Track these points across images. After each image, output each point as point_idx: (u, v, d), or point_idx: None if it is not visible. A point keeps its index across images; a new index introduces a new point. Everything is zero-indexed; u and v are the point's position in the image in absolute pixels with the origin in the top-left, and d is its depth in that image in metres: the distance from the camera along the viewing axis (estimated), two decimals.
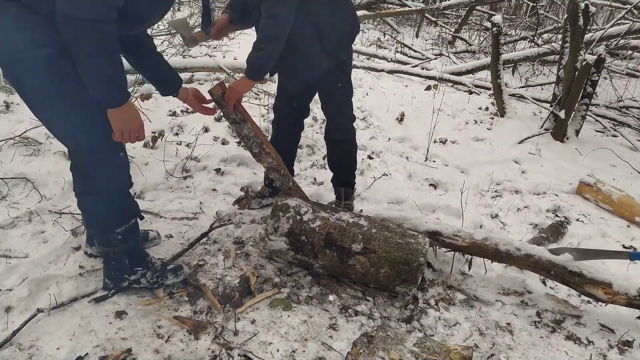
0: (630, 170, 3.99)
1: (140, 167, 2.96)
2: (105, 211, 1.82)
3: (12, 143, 2.92)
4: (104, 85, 1.55)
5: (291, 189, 2.35)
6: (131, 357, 1.67)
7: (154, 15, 1.80)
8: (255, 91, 4.76)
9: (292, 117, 2.63)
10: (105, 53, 1.48)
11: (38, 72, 1.51)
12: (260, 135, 2.24)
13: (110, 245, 1.86)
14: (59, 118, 1.63)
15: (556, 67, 5.10)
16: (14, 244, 2.20)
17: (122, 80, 1.61)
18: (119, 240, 1.86)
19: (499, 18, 4.95)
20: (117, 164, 1.78)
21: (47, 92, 1.56)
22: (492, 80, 5.19)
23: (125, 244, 1.88)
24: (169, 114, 4.00)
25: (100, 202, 1.80)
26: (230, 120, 2.21)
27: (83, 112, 1.61)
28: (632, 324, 2.15)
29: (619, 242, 2.97)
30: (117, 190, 1.83)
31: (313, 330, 1.87)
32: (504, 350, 1.93)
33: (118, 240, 1.86)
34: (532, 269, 2.20)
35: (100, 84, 1.54)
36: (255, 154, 2.29)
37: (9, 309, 1.82)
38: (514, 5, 11.18)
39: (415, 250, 2.06)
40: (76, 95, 1.57)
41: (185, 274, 2.05)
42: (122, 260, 1.91)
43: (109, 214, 1.83)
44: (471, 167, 3.75)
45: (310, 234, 2.14)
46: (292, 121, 2.65)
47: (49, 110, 1.62)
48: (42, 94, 1.57)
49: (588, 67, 4.20)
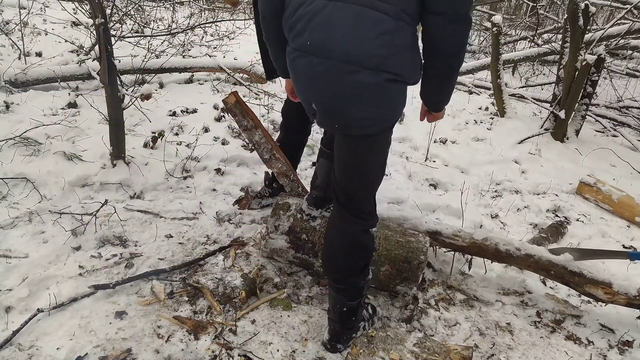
0: (630, 170, 3.98)
1: (140, 167, 2.96)
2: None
3: (12, 143, 2.92)
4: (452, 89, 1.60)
5: (301, 195, 2.38)
6: (131, 357, 1.67)
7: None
8: (255, 91, 4.76)
9: (301, 122, 2.61)
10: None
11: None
12: (270, 141, 2.32)
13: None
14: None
15: (556, 67, 5.10)
16: (14, 244, 2.20)
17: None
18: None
19: (499, 18, 4.95)
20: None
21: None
22: (492, 80, 5.19)
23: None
24: (169, 114, 4.01)
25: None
26: (242, 127, 2.32)
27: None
28: (632, 324, 2.14)
29: (619, 242, 2.97)
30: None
31: (313, 330, 1.87)
32: (504, 350, 1.92)
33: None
34: (532, 269, 2.20)
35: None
36: (265, 160, 2.37)
37: (9, 309, 1.82)
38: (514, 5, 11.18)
39: (415, 249, 2.06)
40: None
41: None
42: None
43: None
44: (471, 167, 3.75)
45: (311, 232, 2.15)
46: (300, 126, 2.63)
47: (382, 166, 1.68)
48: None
49: (588, 67, 4.20)
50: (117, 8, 5.17)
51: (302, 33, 1.42)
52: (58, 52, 4.89)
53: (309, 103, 1.53)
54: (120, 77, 3.28)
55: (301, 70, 1.48)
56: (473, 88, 6.18)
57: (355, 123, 1.48)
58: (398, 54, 1.38)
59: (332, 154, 2.14)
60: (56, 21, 6.29)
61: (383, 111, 1.48)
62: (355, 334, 1.82)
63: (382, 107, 1.47)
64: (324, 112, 1.50)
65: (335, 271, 1.72)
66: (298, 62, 1.47)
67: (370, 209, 1.70)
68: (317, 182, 2.22)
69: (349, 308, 1.74)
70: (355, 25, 1.35)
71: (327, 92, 1.44)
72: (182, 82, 5.01)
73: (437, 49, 1.42)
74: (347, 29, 1.35)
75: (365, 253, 1.73)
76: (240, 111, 2.29)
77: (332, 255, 1.74)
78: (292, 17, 1.45)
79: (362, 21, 1.34)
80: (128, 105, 2.96)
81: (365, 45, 1.35)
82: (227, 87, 4.99)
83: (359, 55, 1.36)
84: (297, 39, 1.45)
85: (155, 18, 7.45)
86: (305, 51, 1.42)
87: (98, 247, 2.27)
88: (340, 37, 1.36)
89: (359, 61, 1.36)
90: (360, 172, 1.62)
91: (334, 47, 1.37)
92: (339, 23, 1.36)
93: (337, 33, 1.36)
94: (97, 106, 3.34)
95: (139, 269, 2.13)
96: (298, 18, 1.43)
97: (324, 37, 1.38)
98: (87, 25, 4.94)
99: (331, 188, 1.76)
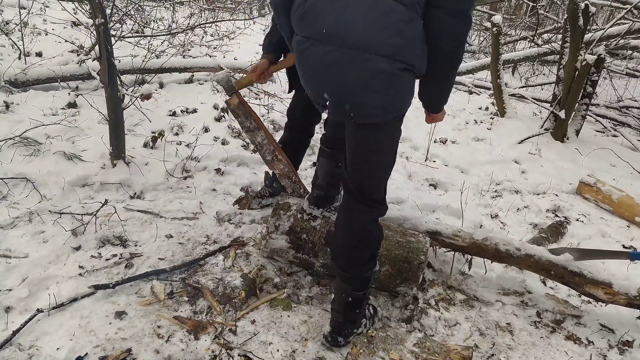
0: (630, 170, 3.99)
1: (140, 167, 2.96)
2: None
3: (12, 143, 2.92)
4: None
5: (302, 196, 2.38)
6: (131, 357, 1.67)
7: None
8: (255, 91, 4.76)
9: (305, 122, 2.60)
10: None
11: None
12: (272, 142, 2.34)
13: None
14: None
15: (556, 67, 5.10)
16: (14, 244, 2.20)
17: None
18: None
19: (499, 18, 4.95)
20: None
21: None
22: (492, 80, 5.19)
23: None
24: (169, 114, 4.01)
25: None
26: (245, 129, 2.32)
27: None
28: (632, 324, 2.14)
29: (619, 242, 2.97)
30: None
31: (313, 330, 1.87)
32: (504, 350, 1.92)
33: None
34: (532, 269, 2.20)
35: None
36: (267, 161, 2.38)
37: (9, 309, 1.82)
38: (514, 5, 11.17)
39: (416, 249, 2.06)
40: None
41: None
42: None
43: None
44: (471, 167, 3.75)
45: (311, 232, 2.15)
46: (304, 127, 2.63)
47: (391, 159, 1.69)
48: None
49: (588, 67, 4.20)
50: (117, 8, 5.16)
51: (315, 21, 1.43)
52: (58, 52, 4.89)
53: (319, 93, 1.53)
54: (120, 77, 3.29)
55: (313, 59, 1.47)
56: (473, 88, 6.18)
57: (366, 111, 1.49)
58: (411, 44, 1.40)
59: (332, 153, 2.15)
60: (56, 21, 6.28)
61: (393, 99, 1.48)
62: (357, 329, 1.82)
63: (393, 96, 1.47)
64: (337, 101, 1.50)
65: (343, 260, 1.74)
66: (310, 51, 1.47)
67: (380, 198, 1.72)
68: (318, 182, 2.22)
69: (354, 298, 1.75)
70: (371, 13, 1.36)
71: (341, 79, 1.44)
72: (182, 82, 5.01)
73: (436, 44, 1.43)
74: (363, 17, 1.36)
75: (373, 242, 1.75)
76: (243, 112, 2.30)
77: (340, 243, 1.76)
78: (304, 6, 1.45)
79: (378, 9, 1.35)
80: (128, 105, 2.96)
81: (381, 33, 1.36)
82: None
83: (375, 43, 1.37)
84: (309, 28, 1.45)
85: (155, 18, 7.45)
86: (319, 39, 1.42)
87: (98, 247, 2.26)
88: (357, 25, 1.37)
89: (374, 49, 1.37)
90: (370, 161, 1.64)
91: (350, 35, 1.38)
92: (355, 11, 1.37)
93: (353, 20, 1.37)
94: (97, 106, 3.34)
95: (139, 269, 2.13)
96: (311, 6, 1.44)
97: (339, 24, 1.38)
98: (87, 25, 4.93)
99: (342, 179, 1.76)
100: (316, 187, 2.22)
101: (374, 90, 1.43)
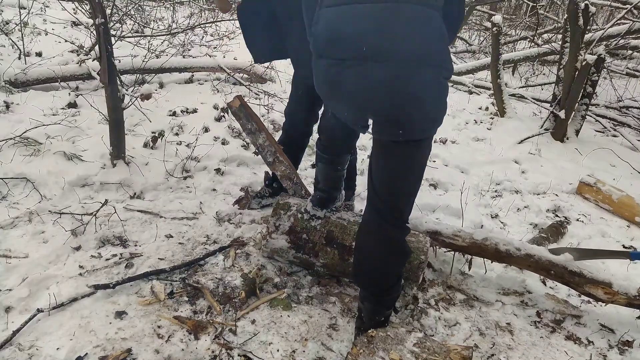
0: (630, 170, 3.99)
1: (140, 167, 2.96)
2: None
3: (12, 143, 2.92)
4: None
5: (304, 197, 2.38)
6: (131, 357, 1.67)
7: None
8: (255, 91, 4.76)
9: (303, 123, 2.60)
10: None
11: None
12: (274, 144, 2.34)
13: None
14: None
15: (556, 67, 5.10)
16: (14, 244, 2.20)
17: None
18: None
19: (499, 18, 4.96)
20: None
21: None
22: (492, 80, 5.19)
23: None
24: (169, 114, 4.00)
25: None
26: (246, 131, 2.33)
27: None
28: (632, 324, 2.14)
29: (619, 242, 2.97)
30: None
31: (313, 330, 1.87)
32: (504, 350, 1.92)
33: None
34: (532, 269, 2.20)
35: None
36: (269, 163, 2.38)
37: (9, 309, 1.82)
38: (514, 5, 11.18)
39: (416, 249, 2.06)
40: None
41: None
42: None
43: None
44: (471, 167, 3.75)
45: (311, 232, 2.15)
46: (302, 127, 2.63)
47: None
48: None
49: (588, 67, 4.20)
50: (117, 8, 5.17)
51: (351, 41, 1.34)
52: (58, 52, 4.89)
53: (362, 115, 1.44)
54: (120, 77, 3.28)
55: (353, 82, 1.37)
56: (473, 88, 6.18)
57: (419, 126, 1.41)
58: (446, 49, 1.38)
59: (330, 158, 2.11)
60: (56, 21, 6.28)
61: (440, 109, 1.42)
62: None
63: (440, 105, 1.42)
64: (384, 120, 1.40)
65: (383, 282, 1.66)
66: (347, 74, 1.36)
67: (408, 215, 1.66)
68: (320, 186, 2.22)
69: (387, 316, 1.77)
70: (414, 23, 1.30)
71: (390, 97, 1.35)
72: (182, 82, 5.01)
73: (451, 14, 1.46)
74: (405, 28, 1.30)
75: (405, 259, 1.71)
76: (244, 115, 2.31)
77: (372, 267, 1.66)
78: (330, 31, 1.37)
79: (418, 18, 1.31)
80: (128, 105, 2.96)
81: (429, 42, 1.31)
82: (227, 87, 4.99)
83: (426, 52, 1.31)
84: (342, 49, 1.36)
85: (155, 18, 7.44)
86: (358, 58, 1.33)
87: (98, 247, 2.27)
88: (405, 37, 1.30)
89: (423, 59, 1.31)
90: (409, 179, 1.55)
91: (400, 47, 1.30)
92: (398, 24, 1.30)
93: (398, 32, 1.30)
94: (97, 106, 3.34)
95: (139, 269, 2.13)
96: (338, 28, 1.36)
97: (385, 39, 1.30)
98: (87, 25, 4.94)
99: (368, 194, 1.65)
100: (318, 190, 2.22)
101: (427, 103, 1.36)
